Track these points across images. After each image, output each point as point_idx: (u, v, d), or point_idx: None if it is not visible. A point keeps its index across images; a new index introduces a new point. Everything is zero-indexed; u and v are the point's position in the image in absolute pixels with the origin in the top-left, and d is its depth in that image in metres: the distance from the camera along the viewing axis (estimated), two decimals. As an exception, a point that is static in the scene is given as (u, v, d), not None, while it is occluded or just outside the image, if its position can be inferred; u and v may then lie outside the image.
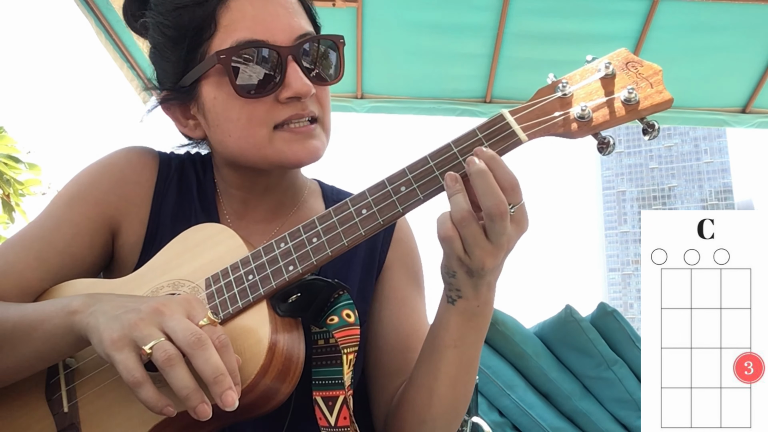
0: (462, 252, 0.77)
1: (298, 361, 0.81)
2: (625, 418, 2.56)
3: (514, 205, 0.75)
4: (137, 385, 0.68)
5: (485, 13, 3.40)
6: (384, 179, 0.80)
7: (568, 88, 0.78)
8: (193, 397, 0.67)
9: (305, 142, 0.93)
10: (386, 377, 1.00)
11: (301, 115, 0.92)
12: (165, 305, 0.72)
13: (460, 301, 0.82)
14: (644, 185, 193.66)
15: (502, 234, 0.75)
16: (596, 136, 0.77)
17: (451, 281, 0.82)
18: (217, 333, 0.72)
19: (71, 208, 0.98)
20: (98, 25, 3.41)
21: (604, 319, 2.67)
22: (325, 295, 0.85)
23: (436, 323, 0.87)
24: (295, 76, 0.89)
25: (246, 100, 0.90)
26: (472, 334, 0.86)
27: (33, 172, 4.27)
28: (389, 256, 1.07)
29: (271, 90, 0.90)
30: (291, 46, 0.90)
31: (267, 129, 0.92)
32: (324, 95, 0.96)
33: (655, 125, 0.76)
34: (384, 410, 0.99)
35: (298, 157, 0.93)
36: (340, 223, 0.80)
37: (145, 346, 0.68)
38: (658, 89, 0.76)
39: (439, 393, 0.87)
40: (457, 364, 0.87)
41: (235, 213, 1.04)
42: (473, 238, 0.75)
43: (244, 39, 0.89)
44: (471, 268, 0.78)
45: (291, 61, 0.90)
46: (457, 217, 0.75)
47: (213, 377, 0.67)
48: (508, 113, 0.78)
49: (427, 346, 0.89)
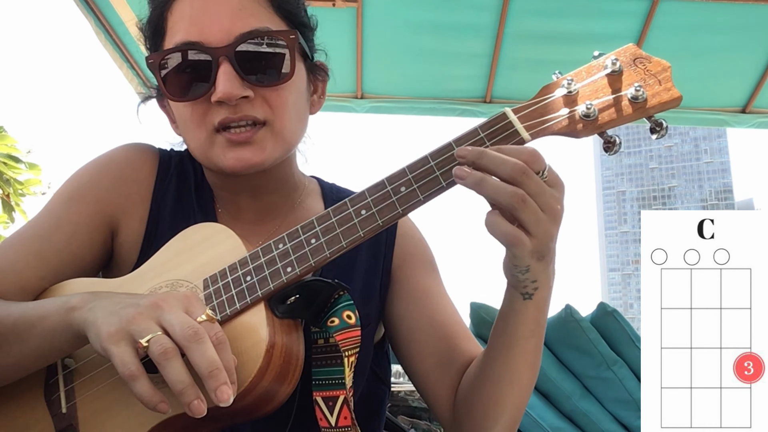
0: (529, 243, 0.72)
1: (298, 363, 0.80)
2: (625, 418, 2.55)
3: (541, 171, 0.72)
4: (132, 378, 0.67)
5: (485, 13, 3.39)
6: (384, 179, 0.78)
7: (573, 86, 0.75)
8: (188, 392, 0.66)
9: (238, 150, 0.91)
10: (439, 369, 0.97)
11: (232, 118, 0.89)
12: (164, 300, 0.72)
13: (538, 293, 0.80)
14: (644, 185, 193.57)
15: (548, 201, 0.72)
16: (602, 135, 0.75)
17: (525, 277, 0.77)
18: (214, 330, 0.71)
19: (70, 206, 0.98)
20: (98, 25, 3.41)
21: (604, 319, 2.67)
22: (324, 296, 0.84)
23: (510, 318, 0.83)
24: (223, 79, 0.87)
25: (184, 102, 0.91)
26: (544, 317, 0.85)
27: (33, 172, 4.27)
28: (397, 254, 1.06)
29: (205, 92, 0.89)
30: (225, 47, 0.88)
31: (207, 131, 0.91)
32: (274, 97, 0.92)
33: (663, 124, 0.73)
34: (448, 404, 0.96)
35: (232, 165, 0.91)
36: (339, 224, 0.78)
37: (142, 340, 0.67)
38: (666, 86, 0.73)
39: (521, 381, 0.87)
40: (536, 349, 0.87)
41: (229, 214, 1.04)
42: (534, 215, 0.71)
43: (180, 41, 0.89)
44: (540, 250, 0.74)
45: (222, 63, 0.87)
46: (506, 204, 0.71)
47: (208, 371, 0.66)
48: (511, 112, 0.76)
49: (499, 341, 0.86)
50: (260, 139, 0.92)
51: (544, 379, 2.60)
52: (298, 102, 0.96)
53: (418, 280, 1.04)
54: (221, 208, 1.05)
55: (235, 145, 0.91)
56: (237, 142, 0.90)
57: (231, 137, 0.90)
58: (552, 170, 0.74)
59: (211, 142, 0.92)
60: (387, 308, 1.05)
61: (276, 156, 0.94)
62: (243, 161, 0.91)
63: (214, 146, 0.92)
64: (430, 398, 1.00)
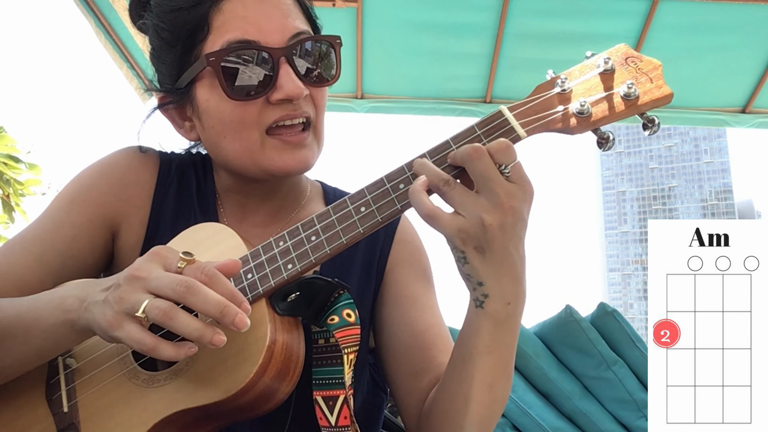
0: (451, 221, 0.72)
1: (298, 361, 0.81)
2: (625, 418, 2.55)
3: (504, 165, 0.72)
4: (152, 349, 0.69)
5: (485, 13, 3.40)
6: (383, 177, 0.79)
7: (567, 84, 0.77)
8: (206, 333, 0.68)
9: (295, 151, 0.92)
10: (411, 378, 0.95)
11: (292, 115, 0.91)
12: (138, 269, 0.72)
13: (489, 302, 0.76)
14: (644, 185, 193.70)
15: (493, 189, 0.70)
16: (596, 131, 0.76)
17: (467, 272, 0.75)
18: (200, 269, 0.72)
19: (71, 209, 0.98)
20: (98, 25, 3.41)
21: (604, 319, 2.67)
22: (325, 295, 0.84)
23: (465, 329, 0.81)
24: (287, 78, 0.88)
25: (237, 102, 0.89)
26: (506, 337, 0.80)
27: (33, 172, 4.27)
28: (392, 258, 1.06)
29: (263, 92, 0.89)
30: (283, 47, 0.89)
31: (258, 132, 0.91)
32: (319, 97, 0.95)
33: (655, 120, 0.75)
34: (415, 414, 0.93)
35: (287, 167, 0.92)
36: (339, 221, 0.79)
37: (138, 313, 0.69)
38: (657, 84, 0.75)
39: (476, 399, 0.82)
40: (492, 368, 0.81)
41: (234, 216, 1.04)
42: (459, 196, 0.72)
43: (235, 40, 0.88)
44: (474, 236, 0.71)
45: (283, 63, 0.88)
46: (432, 182, 0.73)
47: (218, 312, 0.68)
48: (507, 109, 0.77)
49: (458, 353, 0.83)
50: (310, 142, 0.94)
51: (544, 380, 2.60)
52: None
53: (406, 286, 1.03)
54: (226, 211, 1.05)
55: (292, 148, 0.92)
56: (293, 144, 0.92)
57: (287, 139, 0.91)
58: (521, 171, 0.73)
59: (263, 143, 0.91)
60: (374, 311, 1.04)
61: (317, 157, 0.96)
62: (302, 162, 0.93)
63: (266, 149, 0.92)
64: (400, 408, 0.98)
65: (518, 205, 0.71)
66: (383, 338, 1.01)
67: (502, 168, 0.72)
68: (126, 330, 0.70)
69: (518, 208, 0.71)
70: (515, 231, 0.72)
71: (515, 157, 0.72)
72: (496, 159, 0.72)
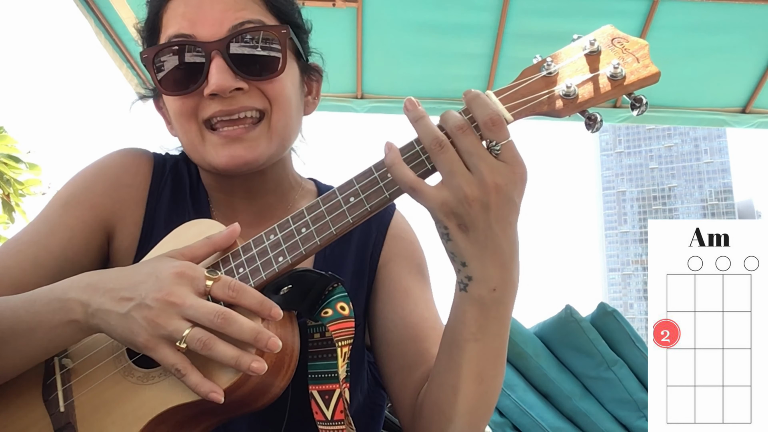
0: (435, 193, 0.71)
1: (293, 355, 0.80)
2: (625, 418, 2.55)
3: (496, 141, 0.71)
4: (183, 375, 0.72)
5: (485, 13, 3.40)
6: (371, 166, 0.79)
7: (553, 67, 0.76)
8: (243, 360, 0.71)
9: (230, 147, 0.91)
10: (404, 372, 0.94)
11: (228, 110, 0.90)
12: (170, 294, 0.73)
13: (472, 286, 0.74)
14: (644, 185, 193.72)
15: (477, 164, 0.69)
16: (583, 113, 0.75)
17: (451, 250, 0.74)
18: (227, 285, 0.74)
19: (66, 212, 0.98)
20: (98, 25, 3.41)
21: (604, 319, 2.67)
22: (318, 288, 0.84)
23: (451, 315, 0.80)
24: (215, 72, 0.87)
25: (174, 97, 0.91)
26: (493, 325, 0.77)
27: (33, 172, 4.27)
28: (385, 253, 1.06)
29: (196, 86, 0.89)
30: (218, 41, 0.88)
31: (196, 124, 0.92)
32: (271, 89, 0.92)
33: (643, 99, 0.74)
34: (409, 408, 0.92)
35: (223, 162, 0.91)
36: (328, 211, 0.79)
37: (179, 342, 0.71)
38: (644, 63, 0.74)
39: (464, 390, 0.80)
40: (480, 358, 0.79)
41: (224, 216, 1.04)
42: (449, 164, 0.70)
43: (172, 35, 0.90)
44: (457, 211, 0.70)
45: (215, 56, 0.88)
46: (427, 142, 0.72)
47: (252, 338, 0.71)
48: (493, 94, 0.77)
49: (445, 341, 0.82)
50: (254, 137, 0.92)
51: (544, 380, 2.60)
52: (293, 97, 0.96)
53: (399, 280, 1.02)
54: (216, 211, 1.05)
55: (228, 142, 0.91)
56: (230, 139, 0.91)
57: (224, 134, 0.91)
58: (513, 151, 0.71)
59: (203, 138, 0.92)
60: (368, 306, 1.04)
61: (270, 153, 0.94)
62: (236, 158, 0.91)
63: (206, 144, 0.92)
64: (393, 401, 0.97)
65: (504, 184, 0.70)
66: (377, 333, 1.01)
67: (493, 144, 0.71)
68: (161, 353, 0.72)
69: (504, 187, 0.70)
70: (501, 212, 0.70)
71: (506, 134, 0.71)
72: (484, 134, 0.71)
